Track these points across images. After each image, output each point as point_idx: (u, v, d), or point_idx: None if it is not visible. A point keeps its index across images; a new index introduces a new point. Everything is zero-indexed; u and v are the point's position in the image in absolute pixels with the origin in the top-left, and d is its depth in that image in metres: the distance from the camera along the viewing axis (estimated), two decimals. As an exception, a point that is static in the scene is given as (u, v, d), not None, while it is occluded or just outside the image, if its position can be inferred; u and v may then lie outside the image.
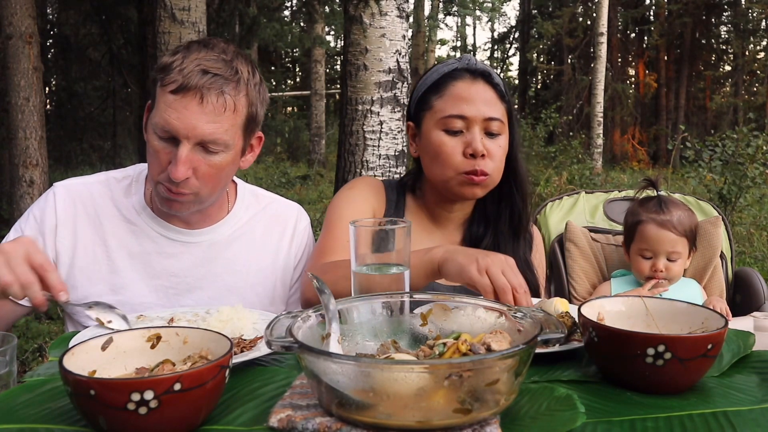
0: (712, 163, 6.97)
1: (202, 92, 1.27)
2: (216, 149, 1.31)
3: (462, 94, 1.49)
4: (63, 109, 12.33)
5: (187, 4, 4.09)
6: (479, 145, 1.46)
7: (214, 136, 1.29)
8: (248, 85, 1.34)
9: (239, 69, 1.33)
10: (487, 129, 1.49)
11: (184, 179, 1.30)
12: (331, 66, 21.69)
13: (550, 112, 11.99)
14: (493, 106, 1.49)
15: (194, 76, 1.27)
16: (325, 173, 12.81)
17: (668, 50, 19.48)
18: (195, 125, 1.27)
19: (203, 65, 1.28)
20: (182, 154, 1.28)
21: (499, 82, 1.53)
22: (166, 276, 1.46)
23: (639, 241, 1.77)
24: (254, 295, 1.52)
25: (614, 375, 0.96)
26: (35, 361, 3.61)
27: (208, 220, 1.50)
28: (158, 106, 1.30)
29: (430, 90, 1.55)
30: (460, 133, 1.49)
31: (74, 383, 0.76)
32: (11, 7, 5.62)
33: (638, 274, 1.80)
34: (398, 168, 3.80)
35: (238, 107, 1.32)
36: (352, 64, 3.74)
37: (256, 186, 1.66)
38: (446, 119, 1.49)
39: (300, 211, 1.64)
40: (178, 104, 1.27)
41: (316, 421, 0.79)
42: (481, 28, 63.61)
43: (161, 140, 1.31)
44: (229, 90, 1.30)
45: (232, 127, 1.32)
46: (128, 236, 1.45)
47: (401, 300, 1.02)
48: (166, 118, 1.28)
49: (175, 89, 1.27)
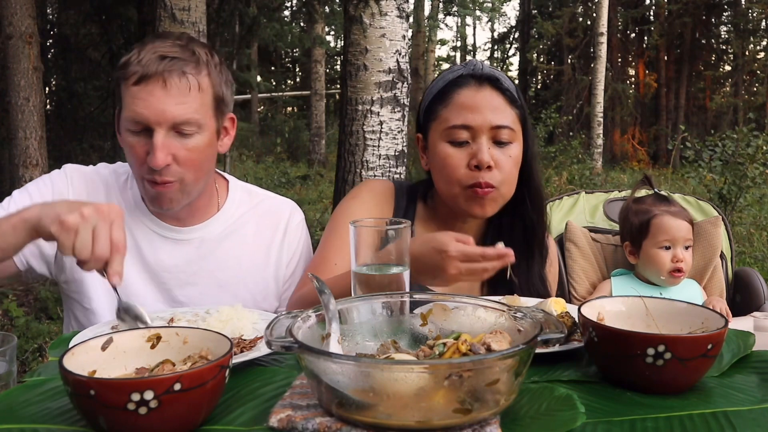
0: (712, 163, 6.97)
1: (164, 76, 1.29)
2: (190, 131, 1.33)
3: (467, 103, 1.41)
4: (63, 109, 12.33)
5: (187, 4, 4.09)
6: (485, 155, 1.38)
7: (184, 117, 1.31)
8: (209, 65, 1.36)
9: (196, 51, 1.36)
10: (496, 138, 1.40)
11: (165, 166, 1.31)
12: (331, 66, 21.68)
13: (550, 112, 12.01)
14: (501, 113, 1.41)
15: (153, 63, 1.29)
16: (325, 173, 12.81)
17: (668, 50, 19.47)
18: (164, 109, 1.29)
19: (159, 52, 1.31)
20: (158, 141, 1.30)
21: (508, 86, 1.44)
22: (159, 271, 1.48)
23: (656, 234, 1.77)
24: (246, 292, 1.53)
25: (614, 375, 0.96)
26: (35, 361, 3.61)
27: (199, 217, 1.50)
28: (125, 102, 1.32)
29: (436, 99, 1.47)
30: (466, 144, 1.41)
31: (74, 383, 0.76)
32: (11, 7, 5.62)
33: (658, 269, 1.78)
34: (398, 168, 3.80)
35: (203, 86, 1.34)
36: (352, 64, 3.74)
37: (257, 186, 1.67)
38: (450, 130, 1.41)
39: (294, 208, 1.63)
40: (143, 93, 1.29)
41: (316, 421, 0.79)
42: (481, 28, 63.62)
43: (134, 134, 1.32)
44: (190, 70, 1.32)
45: (202, 106, 1.34)
46: (126, 230, 1.46)
47: (401, 300, 1.02)
48: (134, 110, 1.30)
49: (137, 80, 1.29)
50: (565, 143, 11.99)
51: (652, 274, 1.81)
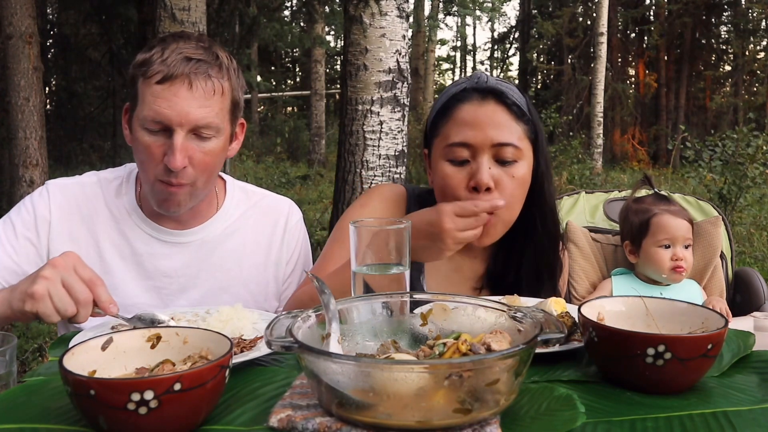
0: (712, 163, 6.97)
1: (190, 78, 1.28)
2: (208, 134, 1.33)
3: (467, 118, 1.32)
4: (63, 109, 12.35)
5: (187, 4, 4.09)
6: (484, 176, 1.28)
7: (206, 121, 1.30)
8: (229, 70, 1.36)
9: (219, 54, 1.35)
10: (498, 156, 1.31)
11: (182, 168, 1.30)
12: (331, 66, 21.69)
13: (550, 112, 12.01)
14: (505, 130, 1.31)
15: (179, 64, 1.28)
16: (325, 173, 12.81)
17: (668, 50, 19.46)
18: (187, 111, 1.28)
19: (185, 53, 1.30)
20: (178, 142, 1.29)
21: (516, 100, 1.34)
22: (159, 276, 1.46)
23: (656, 233, 1.78)
24: (247, 292, 1.52)
25: (614, 375, 0.96)
26: (35, 361, 3.61)
27: (199, 219, 1.49)
28: (144, 99, 1.30)
29: (439, 114, 1.39)
30: (467, 162, 1.31)
31: (74, 383, 0.76)
32: (11, 7, 5.62)
33: (658, 268, 1.79)
34: (398, 168, 3.80)
35: (225, 91, 1.34)
36: (352, 64, 3.74)
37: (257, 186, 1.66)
38: (450, 148, 1.32)
39: (292, 206, 1.62)
40: (167, 93, 1.28)
41: (316, 421, 0.79)
42: (481, 28, 63.65)
43: (152, 134, 1.31)
44: (215, 74, 1.32)
45: (221, 111, 1.34)
46: (119, 238, 1.45)
47: (401, 300, 1.02)
48: (156, 109, 1.28)
49: (161, 79, 1.28)
50: (565, 143, 11.99)
51: (652, 272, 1.81)
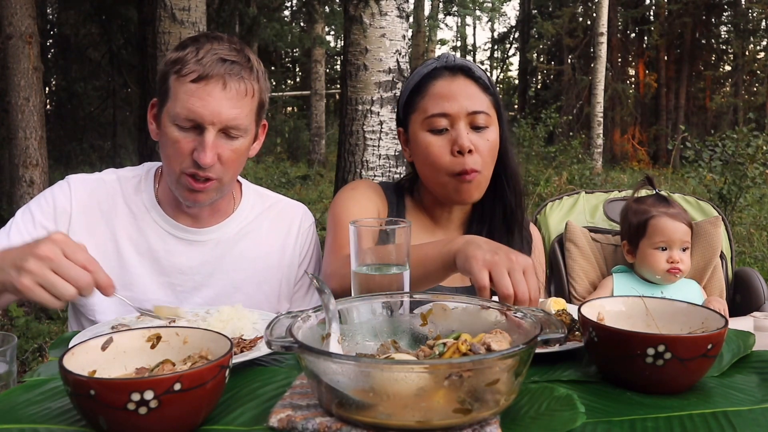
0: (712, 163, 6.97)
1: (224, 79, 1.33)
2: (237, 134, 1.37)
3: (443, 92, 1.48)
4: (63, 109, 12.35)
5: (187, 4, 4.09)
6: (465, 140, 1.44)
7: (237, 121, 1.35)
8: (259, 72, 1.41)
9: (250, 57, 1.40)
10: (473, 123, 1.47)
11: (211, 165, 1.35)
12: (331, 66, 21.69)
13: (550, 112, 12.00)
14: (477, 100, 1.48)
15: (214, 64, 1.33)
16: (325, 173, 12.81)
17: (668, 50, 19.47)
18: (219, 111, 1.33)
19: (220, 54, 1.34)
20: (209, 140, 1.33)
21: (480, 75, 1.51)
22: (174, 273, 1.48)
23: (653, 235, 1.78)
24: (260, 293, 1.54)
25: (614, 375, 0.96)
26: (35, 361, 3.61)
27: (216, 217, 1.52)
28: (177, 97, 1.34)
29: (413, 92, 1.54)
30: (446, 131, 1.47)
31: (74, 383, 0.76)
32: (11, 7, 5.62)
33: (653, 269, 1.79)
34: (398, 168, 3.80)
35: (255, 92, 1.39)
36: (352, 64, 3.74)
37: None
38: (430, 119, 1.48)
39: (305, 211, 1.66)
40: (202, 92, 1.32)
41: (316, 421, 0.79)
42: (481, 28, 63.64)
43: (182, 130, 1.35)
44: (246, 75, 1.37)
45: (251, 112, 1.40)
46: (137, 234, 1.47)
47: (401, 300, 1.02)
48: (189, 107, 1.32)
49: (196, 78, 1.32)
50: (565, 143, 11.99)
51: (648, 273, 1.81)
